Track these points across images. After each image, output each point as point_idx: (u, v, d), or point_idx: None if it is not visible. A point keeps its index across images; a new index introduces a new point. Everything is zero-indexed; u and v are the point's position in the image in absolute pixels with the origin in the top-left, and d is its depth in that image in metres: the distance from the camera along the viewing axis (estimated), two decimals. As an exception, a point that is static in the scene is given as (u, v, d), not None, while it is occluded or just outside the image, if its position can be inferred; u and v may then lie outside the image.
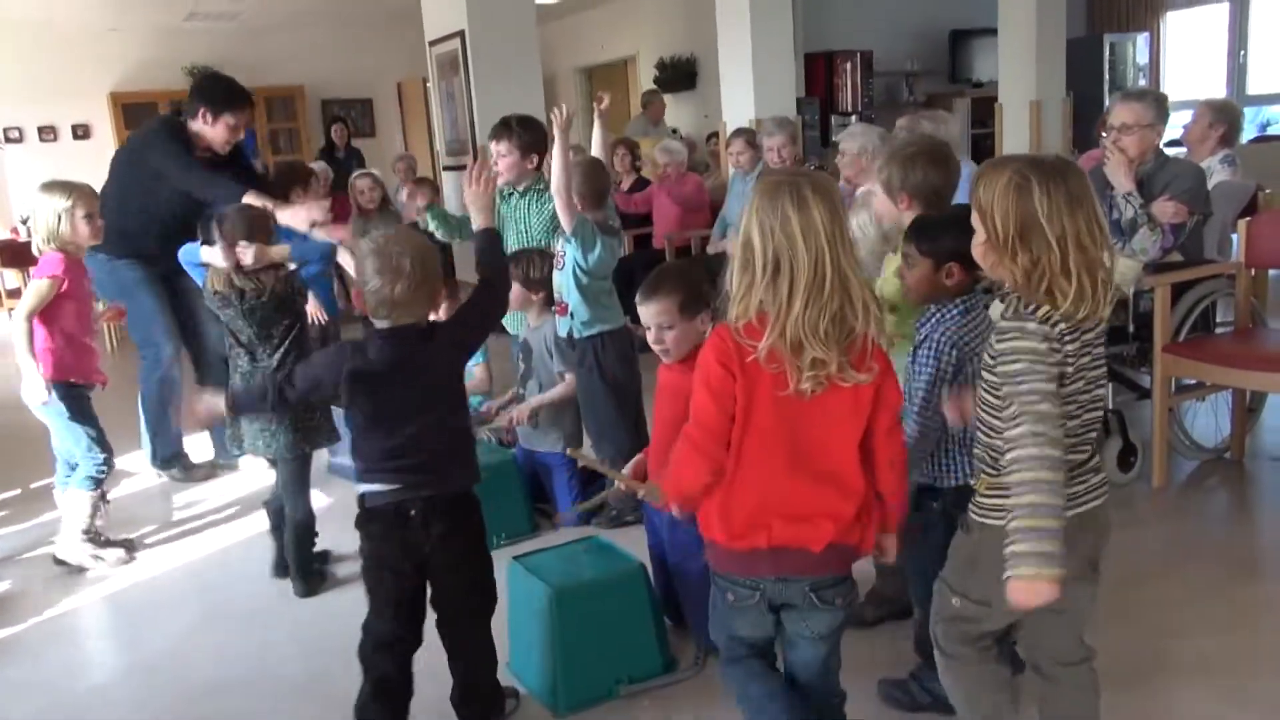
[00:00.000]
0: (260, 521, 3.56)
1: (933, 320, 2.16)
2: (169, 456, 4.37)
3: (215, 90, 3.96)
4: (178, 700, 2.66)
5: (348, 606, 3.07)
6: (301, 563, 3.18)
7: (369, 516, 2.20)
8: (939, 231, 2.15)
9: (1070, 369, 1.67)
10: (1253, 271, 3.99)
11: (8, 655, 2.97)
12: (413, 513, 2.15)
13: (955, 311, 2.14)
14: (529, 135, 3.74)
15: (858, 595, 1.94)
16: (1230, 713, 2.28)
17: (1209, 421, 3.91)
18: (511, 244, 3.77)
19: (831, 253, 1.64)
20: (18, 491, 4.37)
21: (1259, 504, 3.60)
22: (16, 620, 3.18)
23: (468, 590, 2.25)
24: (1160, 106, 3.57)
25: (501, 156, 3.74)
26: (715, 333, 1.76)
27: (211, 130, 3.92)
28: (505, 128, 3.76)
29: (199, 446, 4.52)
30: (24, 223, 9.23)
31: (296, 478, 3.15)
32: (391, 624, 2.23)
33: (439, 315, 2.31)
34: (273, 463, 3.20)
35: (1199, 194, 3.63)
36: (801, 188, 1.66)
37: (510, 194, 3.85)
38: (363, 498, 2.20)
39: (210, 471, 4.42)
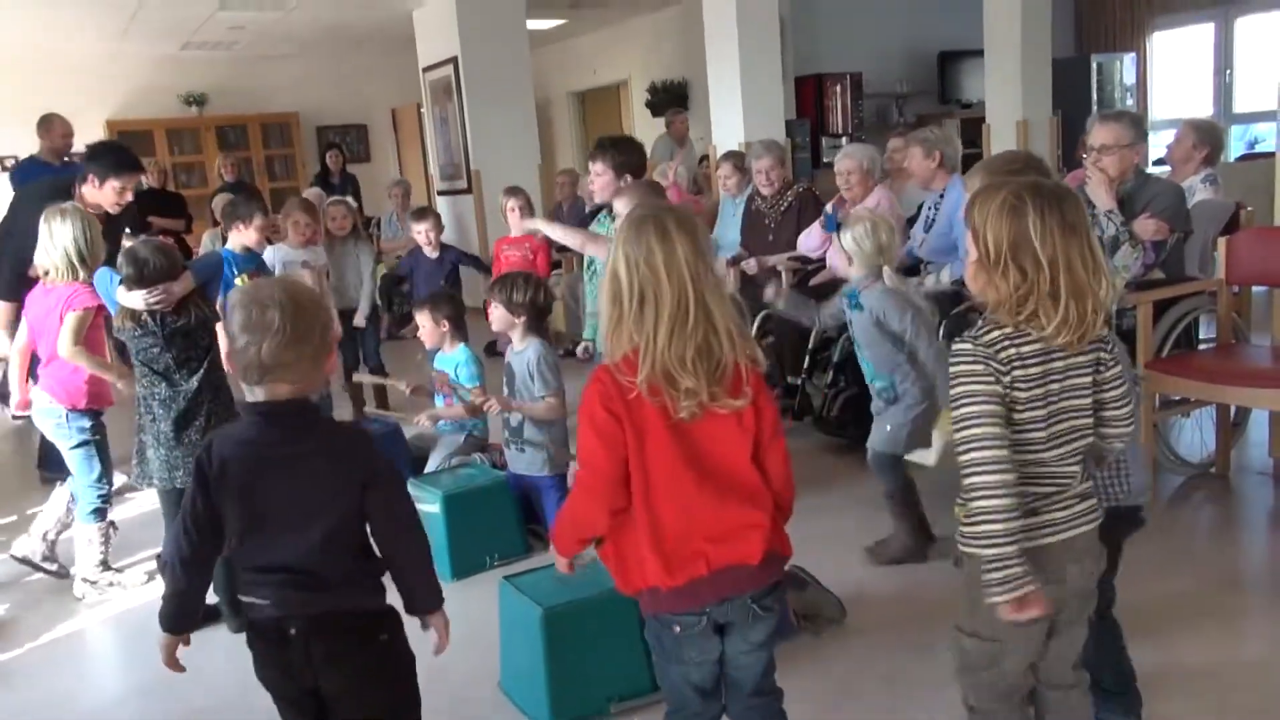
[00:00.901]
0: None
1: None
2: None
3: (105, 158, 4.19)
4: (173, 724, 2.68)
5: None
6: (230, 597, 3.03)
7: (250, 631, 1.89)
8: None
9: (1022, 395, 1.66)
10: (1236, 288, 4.05)
11: (4, 679, 3.00)
12: (293, 631, 1.81)
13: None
14: (622, 155, 3.92)
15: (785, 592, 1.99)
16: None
17: (1194, 437, 3.96)
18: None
19: (695, 286, 1.68)
20: (14, 518, 4.39)
21: (1243, 518, 3.64)
22: (13, 645, 3.20)
23: None
24: (1138, 127, 3.64)
25: (597, 175, 3.93)
26: (595, 376, 1.75)
27: (99, 193, 4.11)
28: (600, 148, 3.97)
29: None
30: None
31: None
32: None
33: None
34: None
35: (1179, 212, 3.69)
36: (665, 222, 1.70)
37: (602, 214, 4.11)
38: (248, 605, 1.87)
39: None
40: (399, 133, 12.16)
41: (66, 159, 6.03)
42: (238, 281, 4.67)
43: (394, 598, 1.92)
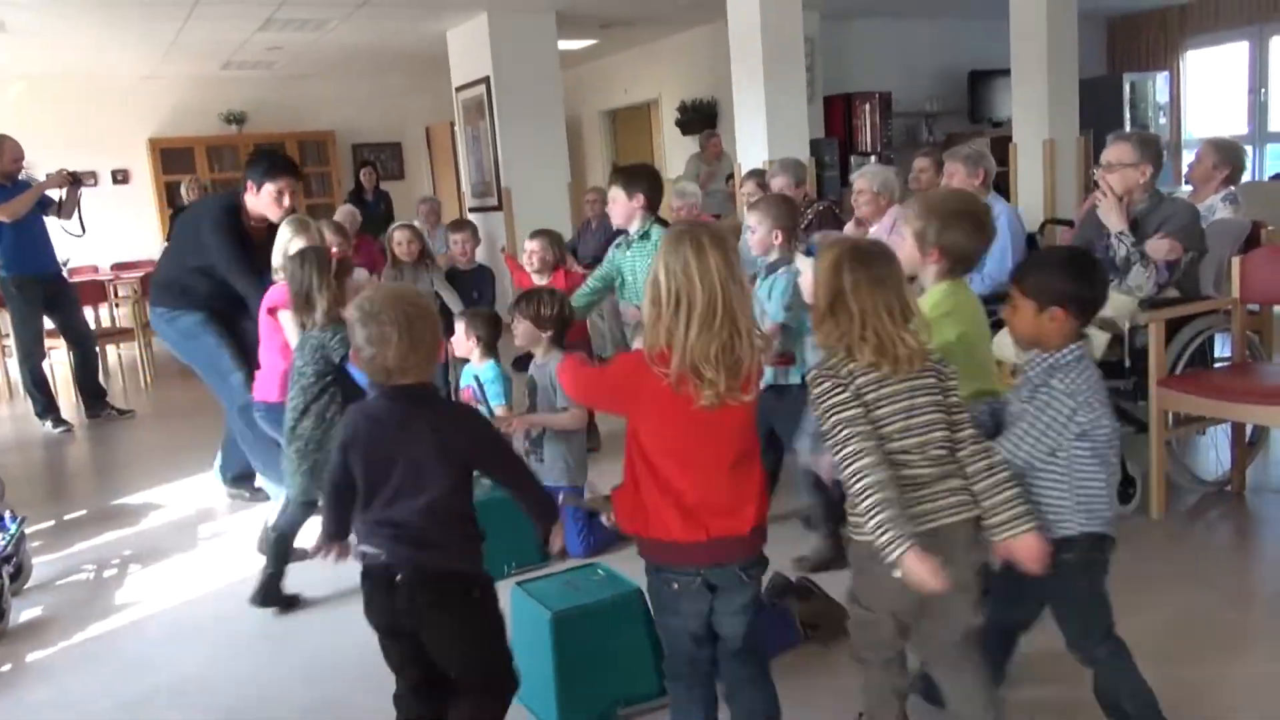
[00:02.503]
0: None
1: (1047, 365, 2.13)
2: (239, 475, 4.65)
3: (258, 164, 4.28)
4: (198, 720, 2.78)
5: (359, 635, 3.19)
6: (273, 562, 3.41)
7: (362, 573, 2.18)
8: (1043, 272, 2.15)
9: (869, 398, 1.96)
10: (1259, 308, 4.06)
11: (39, 677, 3.11)
12: (398, 578, 2.09)
13: (1070, 358, 2.11)
14: (629, 178, 4.17)
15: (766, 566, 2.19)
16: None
17: (1210, 455, 3.96)
18: (629, 290, 4.25)
19: (723, 293, 1.95)
20: (52, 523, 4.54)
21: (1256, 536, 3.64)
22: (47, 644, 3.32)
23: (462, 675, 2.16)
24: (1145, 147, 3.67)
25: (614, 201, 4.19)
26: (632, 356, 2.04)
27: (257, 199, 4.21)
28: (614, 173, 4.25)
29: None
30: (64, 264, 9.51)
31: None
32: (409, 694, 2.23)
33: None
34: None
35: (1192, 232, 3.71)
36: (700, 237, 1.98)
37: (619, 241, 4.25)
38: (361, 553, 2.18)
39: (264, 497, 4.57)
40: (432, 151, 12.35)
41: (14, 182, 6.21)
42: None
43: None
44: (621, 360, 2.10)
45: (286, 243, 3.82)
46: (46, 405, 6.47)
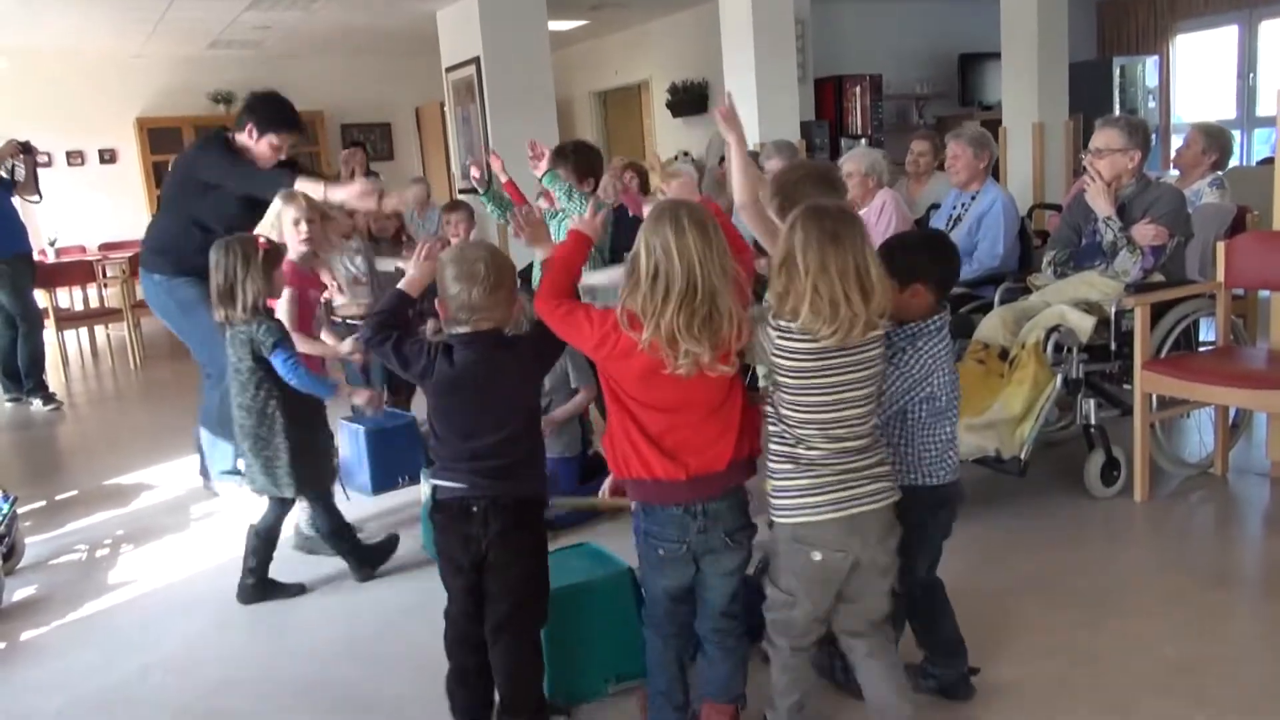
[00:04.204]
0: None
1: (911, 333, 2.23)
2: (230, 470, 4.42)
3: (266, 109, 4.06)
4: (194, 698, 2.80)
5: (354, 612, 3.23)
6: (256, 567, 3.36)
7: (436, 507, 2.35)
8: (905, 252, 2.27)
9: (801, 365, 2.00)
10: (1243, 292, 4.10)
11: (33, 655, 3.13)
12: (474, 509, 2.28)
13: (933, 327, 2.23)
14: (577, 158, 4.11)
15: (755, 532, 2.26)
16: (1193, 715, 2.38)
17: (1194, 438, 4.00)
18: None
19: (702, 269, 2.01)
20: (43, 503, 4.54)
21: (1236, 518, 3.69)
22: (42, 623, 3.34)
23: (517, 592, 2.32)
24: (1134, 132, 3.70)
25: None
26: (607, 315, 2.11)
27: (255, 146, 4.03)
28: (560, 154, 4.12)
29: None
30: (51, 244, 9.50)
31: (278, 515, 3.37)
32: (460, 617, 2.37)
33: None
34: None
35: (1179, 217, 3.74)
36: (680, 215, 2.04)
37: (558, 215, 4.17)
38: (435, 489, 2.35)
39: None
40: (422, 132, 12.30)
41: None
42: None
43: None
44: (597, 317, 2.14)
45: (278, 214, 3.70)
46: (37, 383, 6.47)
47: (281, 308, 3.51)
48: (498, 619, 2.33)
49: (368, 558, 3.47)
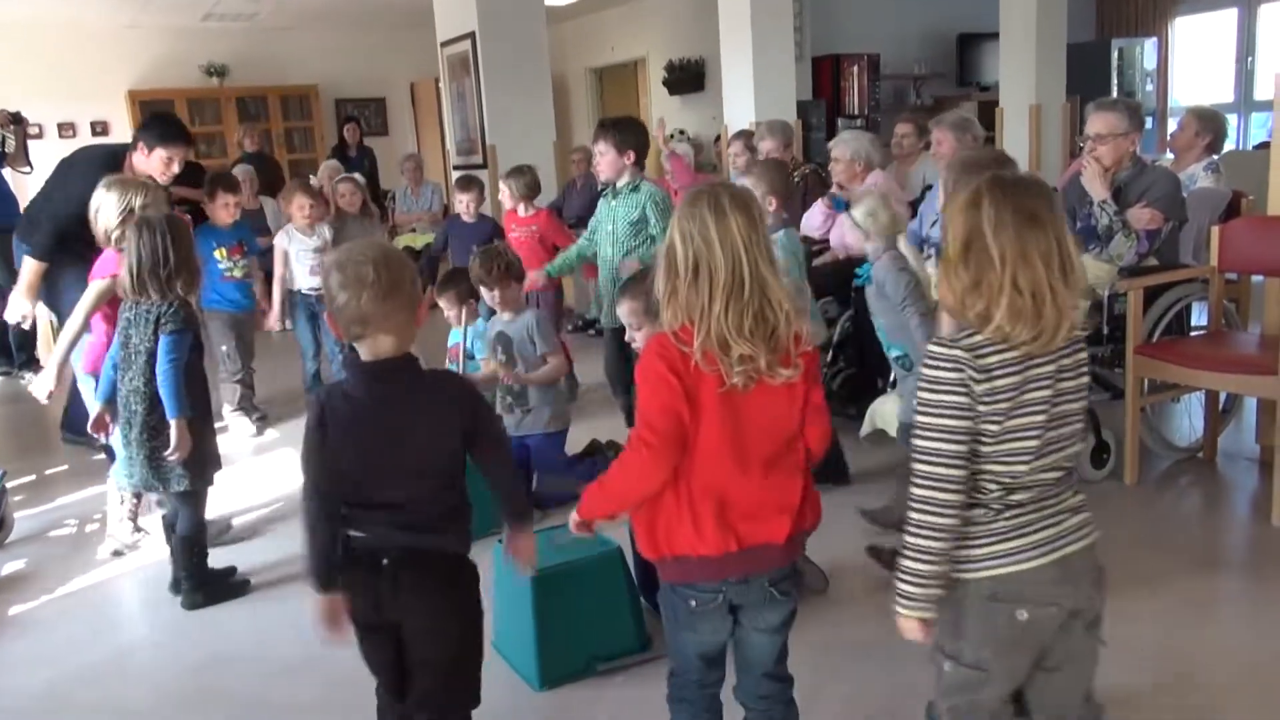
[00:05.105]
0: (259, 512, 3.82)
1: None
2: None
3: (156, 125, 4.34)
4: (181, 674, 2.81)
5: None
6: (190, 573, 3.19)
7: (345, 560, 1.96)
8: None
9: (1006, 404, 1.58)
10: (1237, 277, 4.09)
11: (20, 629, 3.14)
12: (385, 561, 1.92)
13: None
14: (621, 134, 4.06)
15: (801, 581, 2.04)
16: (1179, 697, 2.39)
17: (1184, 422, 4.01)
18: (603, 246, 4.14)
19: (749, 257, 1.74)
20: (33, 478, 4.54)
21: (1224, 502, 3.71)
22: (30, 597, 3.34)
23: (440, 666, 1.97)
24: (1133, 115, 3.69)
25: (601, 155, 4.08)
26: (656, 340, 1.80)
27: (148, 162, 4.23)
28: (602, 128, 4.12)
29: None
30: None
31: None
32: (384, 696, 2.07)
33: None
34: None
35: (1174, 201, 3.74)
36: (720, 198, 1.76)
37: (605, 191, 4.19)
38: (346, 539, 1.97)
39: None
40: (417, 107, 12.22)
41: None
42: (216, 255, 4.82)
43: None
44: (644, 358, 1.80)
45: (117, 204, 3.43)
46: (29, 357, 6.45)
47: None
48: (418, 696, 1.99)
49: (207, 584, 3.22)
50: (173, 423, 3.01)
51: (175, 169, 4.26)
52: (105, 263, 3.49)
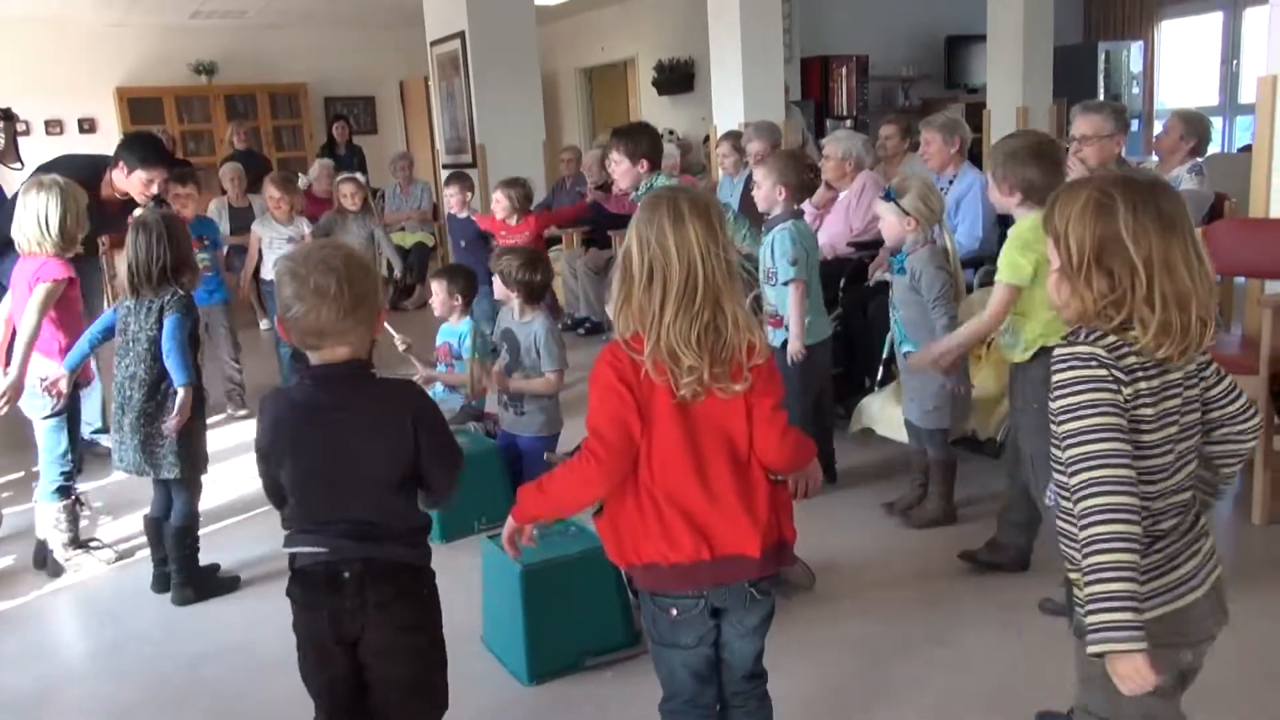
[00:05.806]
0: (242, 507, 3.82)
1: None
2: (99, 428, 4.61)
3: (136, 146, 4.34)
4: (171, 668, 2.82)
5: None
6: (181, 566, 3.19)
7: (295, 578, 1.86)
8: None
9: (1150, 411, 1.45)
10: (1220, 278, 4.13)
11: (8, 626, 3.14)
12: (346, 575, 1.80)
13: None
14: (632, 142, 4.02)
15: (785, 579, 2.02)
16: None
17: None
18: None
19: (705, 266, 1.70)
20: (21, 474, 4.52)
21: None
22: (18, 594, 3.34)
23: (404, 685, 1.86)
24: (1119, 117, 3.73)
25: (615, 164, 4.05)
26: (609, 349, 1.78)
27: (127, 182, 4.25)
28: (613, 137, 4.09)
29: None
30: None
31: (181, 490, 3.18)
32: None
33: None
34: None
35: (1159, 202, 3.76)
36: (679, 204, 1.73)
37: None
38: (292, 557, 1.87)
39: None
40: (406, 106, 12.22)
41: None
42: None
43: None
44: (596, 368, 1.77)
45: (40, 205, 3.37)
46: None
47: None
48: (383, 716, 1.88)
49: (197, 580, 3.22)
50: (180, 390, 3.07)
51: (154, 190, 4.30)
52: (47, 266, 3.36)
